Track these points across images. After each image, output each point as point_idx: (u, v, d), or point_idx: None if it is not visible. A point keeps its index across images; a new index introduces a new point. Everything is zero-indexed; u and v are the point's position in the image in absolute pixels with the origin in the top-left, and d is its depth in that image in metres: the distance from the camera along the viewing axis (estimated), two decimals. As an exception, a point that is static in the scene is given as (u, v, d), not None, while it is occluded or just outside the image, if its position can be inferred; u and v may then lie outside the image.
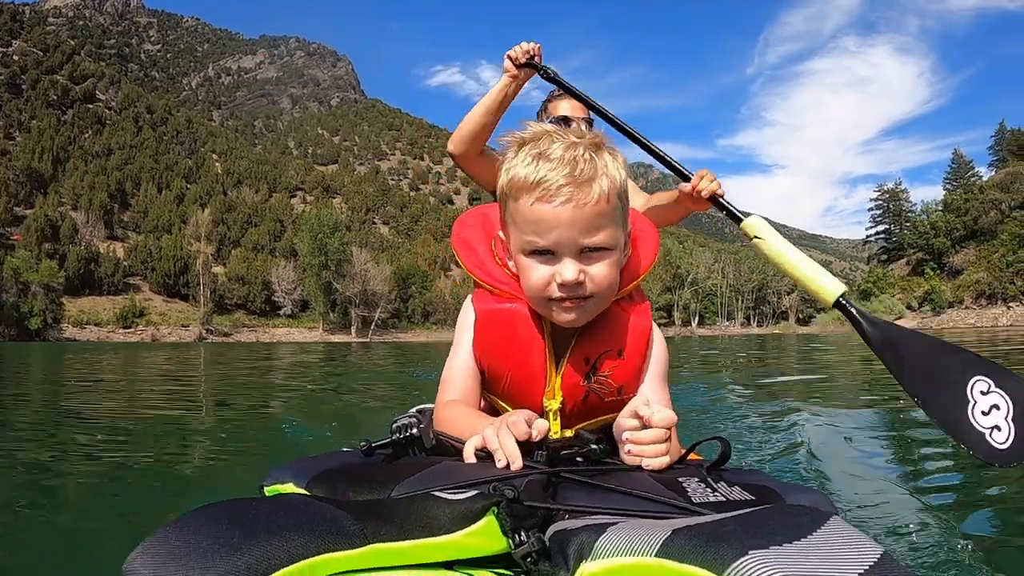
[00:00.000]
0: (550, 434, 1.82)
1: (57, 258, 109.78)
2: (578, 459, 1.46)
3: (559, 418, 1.92)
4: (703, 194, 2.63)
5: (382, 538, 1.07)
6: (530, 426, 1.46)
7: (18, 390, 11.20)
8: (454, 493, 1.22)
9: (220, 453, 5.08)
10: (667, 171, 2.89)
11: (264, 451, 5.21)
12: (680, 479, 1.41)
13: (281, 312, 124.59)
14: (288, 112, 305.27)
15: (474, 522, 1.14)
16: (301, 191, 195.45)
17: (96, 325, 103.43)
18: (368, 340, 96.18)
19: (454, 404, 1.90)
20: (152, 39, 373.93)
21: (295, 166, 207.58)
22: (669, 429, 1.53)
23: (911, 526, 2.87)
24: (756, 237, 2.48)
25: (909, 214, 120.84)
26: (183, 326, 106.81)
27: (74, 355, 26.57)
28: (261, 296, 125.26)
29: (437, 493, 1.23)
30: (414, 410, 2.20)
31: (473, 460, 1.48)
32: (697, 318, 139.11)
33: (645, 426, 1.53)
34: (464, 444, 1.55)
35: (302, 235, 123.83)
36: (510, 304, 1.93)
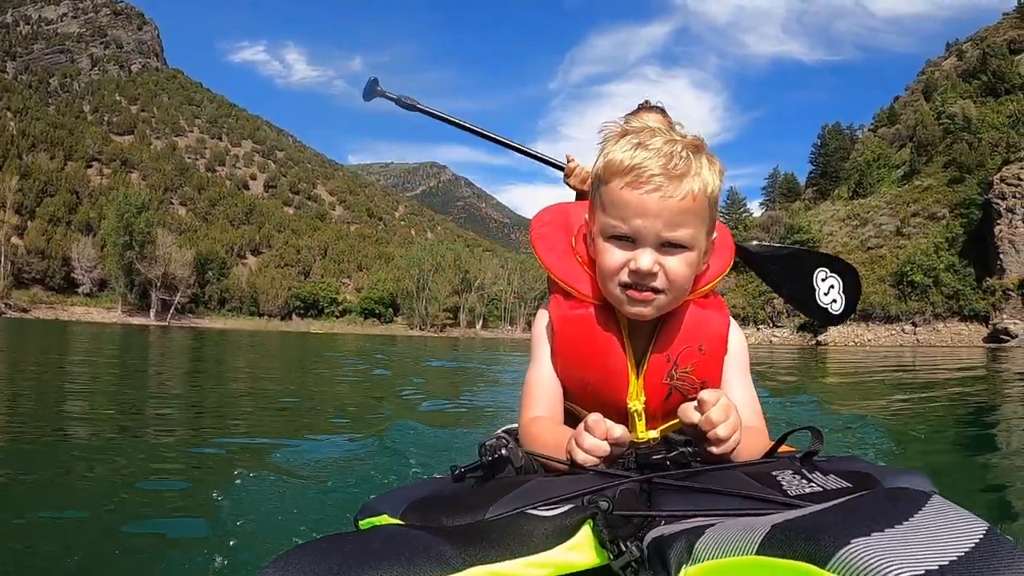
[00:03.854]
0: (637, 435, 1.92)
1: None
2: (667, 463, 1.44)
3: (643, 418, 1.94)
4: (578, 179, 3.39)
5: (480, 561, 1.07)
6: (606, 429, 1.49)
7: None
8: (548, 509, 1.21)
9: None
10: (542, 164, 3.85)
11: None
12: (774, 472, 1.39)
13: (79, 290, 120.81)
14: (86, 73, 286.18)
15: (571, 536, 1.14)
16: (98, 162, 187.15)
17: None
18: (167, 324, 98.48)
19: (540, 420, 1.90)
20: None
21: (92, 134, 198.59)
22: (718, 398, 1.52)
23: (1016, 500, 3.34)
24: None
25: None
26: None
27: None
28: (60, 272, 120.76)
29: (531, 511, 1.22)
30: (501, 431, 2.38)
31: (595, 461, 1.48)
32: (481, 321, 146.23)
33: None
34: (553, 461, 1.56)
35: (107, 212, 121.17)
36: (586, 308, 1.93)
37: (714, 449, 1.49)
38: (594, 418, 1.50)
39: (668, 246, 1.73)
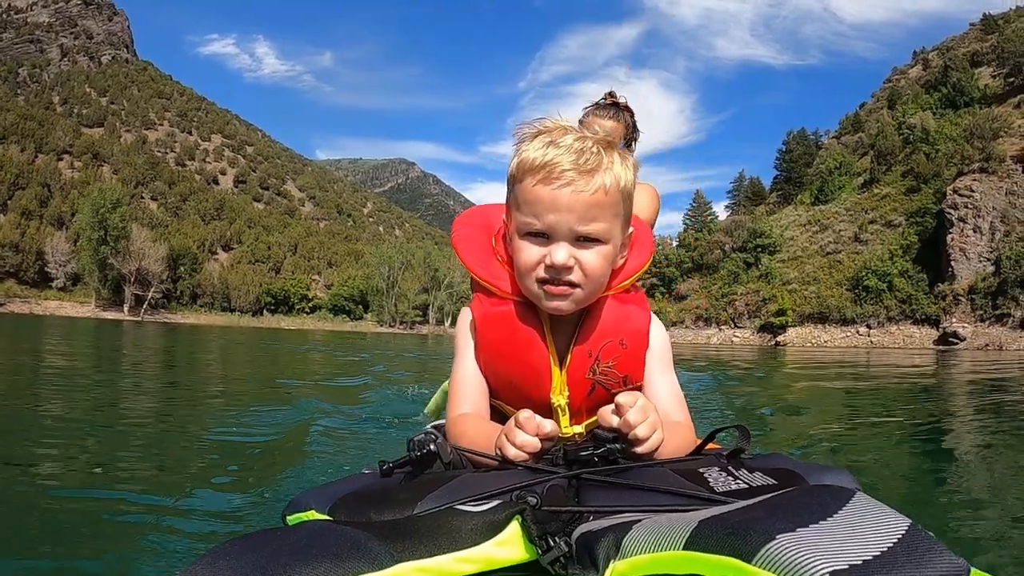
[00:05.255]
0: (562, 431, 1.93)
1: None
2: (595, 459, 1.43)
3: (567, 413, 1.95)
4: None
5: (409, 556, 1.07)
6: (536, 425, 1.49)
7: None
8: (477, 505, 1.22)
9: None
10: None
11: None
12: (701, 470, 1.40)
13: (53, 284, 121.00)
14: (56, 64, 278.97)
15: (499, 531, 1.15)
16: (69, 155, 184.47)
17: None
18: (140, 319, 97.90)
19: (467, 417, 1.91)
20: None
21: (63, 126, 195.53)
22: (635, 399, 1.51)
23: (935, 499, 3.38)
24: None
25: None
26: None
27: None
28: (34, 266, 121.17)
29: (460, 506, 1.23)
30: (430, 426, 2.33)
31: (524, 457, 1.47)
32: (450, 318, 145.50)
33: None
34: (482, 456, 1.58)
35: (82, 207, 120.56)
36: (508, 305, 1.95)
37: (637, 449, 1.48)
38: (525, 414, 1.51)
39: (582, 240, 1.77)
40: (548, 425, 1.50)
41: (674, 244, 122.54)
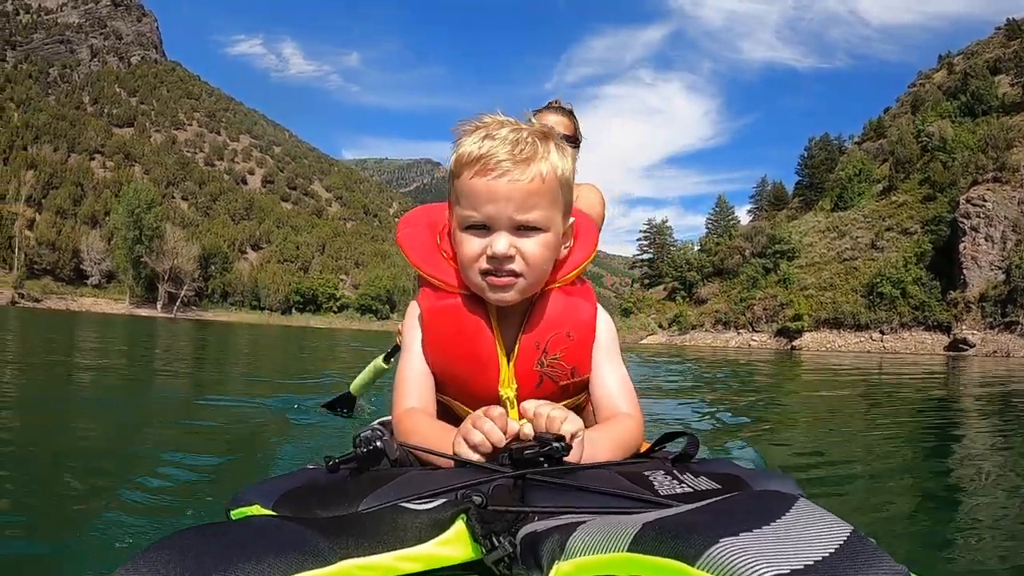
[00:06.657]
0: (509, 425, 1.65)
1: None
2: (541, 460, 1.38)
3: (516, 406, 1.89)
4: None
5: (353, 553, 1.06)
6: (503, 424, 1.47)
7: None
8: (422, 503, 1.21)
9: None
10: None
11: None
12: (646, 473, 1.40)
13: (88, 282, 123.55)
14: (86, 64, 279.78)
15: (444, 530, 1.14)
16: (100, 154, 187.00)
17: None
18: (174, 316, 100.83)
19: (414, 413, 1.88)
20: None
21: (94, 126, 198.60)
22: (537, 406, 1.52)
23: (877, 506, 3.43)
24: None
25: (671, 247, 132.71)
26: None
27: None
28: (70, 264, 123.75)
29: (405, 504, 1.21)
30: (377, 422, 2.34)
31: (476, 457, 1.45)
32: None
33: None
34: (432, 453, 1.57)
35: (117, 207, 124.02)
36: (454, 298, 1.93)
37: (563, 428, 1.48)
38: (499, 410, 1.50)
39: (523, 229, 1.77)
40: (516, 426, 1.50)
41: (695, 248, 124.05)
